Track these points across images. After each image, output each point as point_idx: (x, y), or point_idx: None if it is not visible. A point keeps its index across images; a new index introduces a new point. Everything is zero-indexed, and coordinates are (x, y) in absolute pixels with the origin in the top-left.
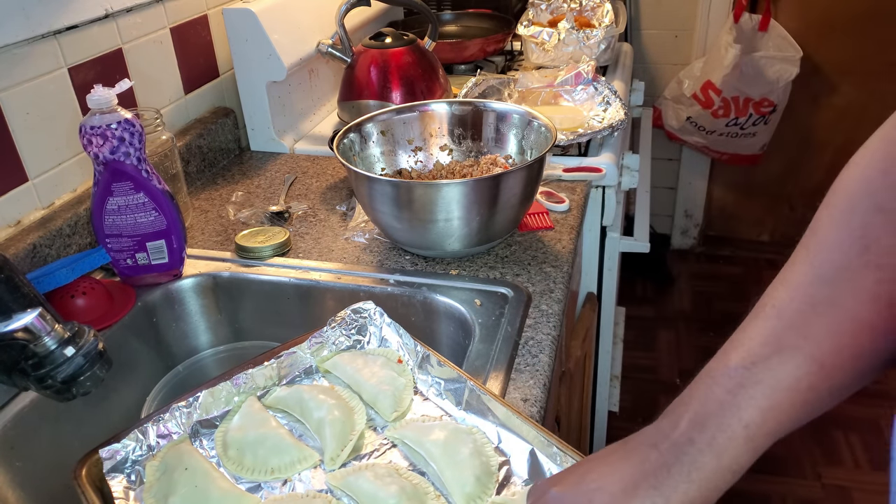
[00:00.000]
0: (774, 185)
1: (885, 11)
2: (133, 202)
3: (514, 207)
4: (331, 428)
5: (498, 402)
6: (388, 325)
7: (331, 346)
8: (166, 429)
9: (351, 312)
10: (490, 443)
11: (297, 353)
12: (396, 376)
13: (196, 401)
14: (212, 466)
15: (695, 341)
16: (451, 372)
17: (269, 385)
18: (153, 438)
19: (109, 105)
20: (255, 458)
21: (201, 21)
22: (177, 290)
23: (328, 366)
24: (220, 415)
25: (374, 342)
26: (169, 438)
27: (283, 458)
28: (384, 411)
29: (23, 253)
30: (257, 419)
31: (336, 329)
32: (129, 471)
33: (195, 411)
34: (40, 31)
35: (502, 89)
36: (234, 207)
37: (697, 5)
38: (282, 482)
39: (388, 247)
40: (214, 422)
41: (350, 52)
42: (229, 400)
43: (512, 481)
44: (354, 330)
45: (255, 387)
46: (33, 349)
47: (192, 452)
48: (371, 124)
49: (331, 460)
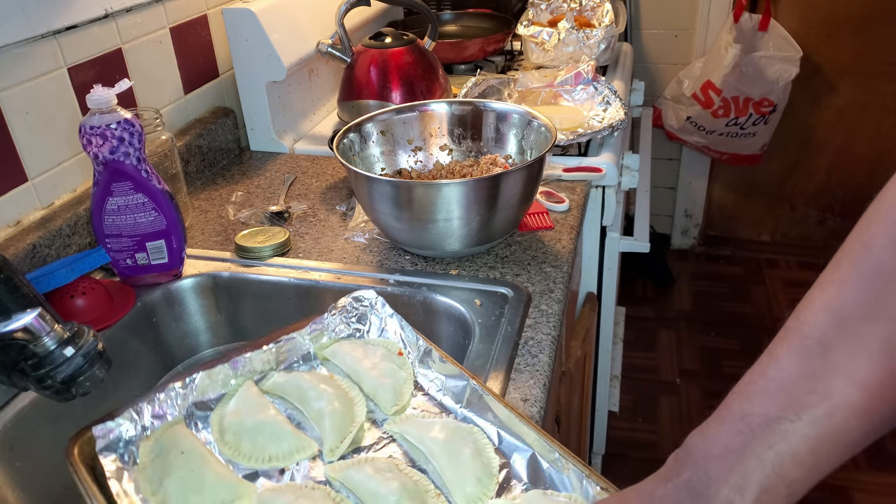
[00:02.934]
0: (774, 185)
1: (885, 12)
2: (133, 202)
3: (514, 207)
4: (330, 419)
5: (500, 402)
6: (391, 316)
7: (330, 333)
8: (161, 409)
9: (352, 300)
10: (491, 443)
11: (296, 339)
12: (397, 369)
13: (193, 382)
14: (208, 451)
15: (695, 341)
16: (453, 369)
17: (266, 369)
18: (147, 418)
19: (109, 105)
20: (254, 444)
21: (201, 21)
22: (176, 290)
23: (327, 353)
24: (216, 398)
25: (375, 332)
26: (164, 419)
27: (282, 447)
28: (384, 405)
29: (22, 253)
30: (255, 404)
31: (336, 316)
32: (122, 451)
33: (191, 393)
34: (40, 30)
35: (502, 89)
36: (234, 207)
37: (697, 5)
38: (279, 471)
39: (387, 247)
40: (210, 404)
41: (350, 52)
42: (226, 383)
43: (512, 484)
44: (355, 318)
45: (253, 370)
46: (33, 349)
47: (187, 435)
48: (371, 124)
49: (330, 452)
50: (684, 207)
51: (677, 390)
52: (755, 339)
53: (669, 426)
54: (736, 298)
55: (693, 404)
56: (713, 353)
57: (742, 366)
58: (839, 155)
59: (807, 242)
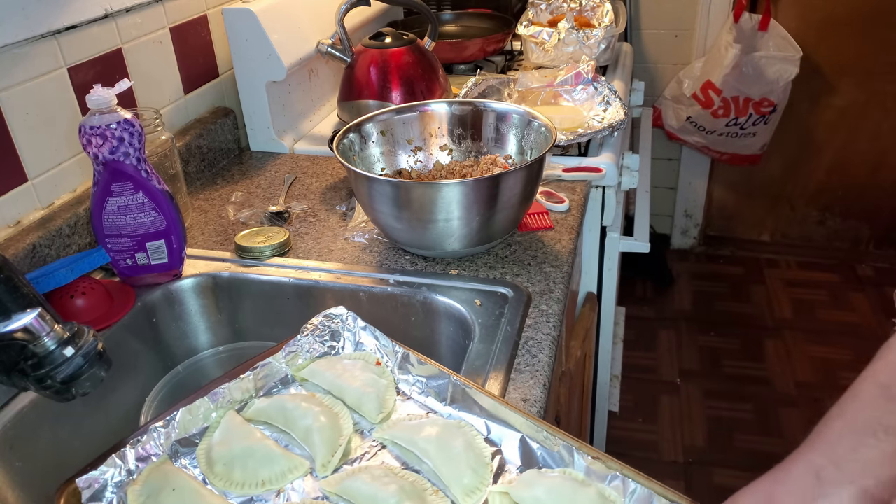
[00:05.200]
0: (774, 185)
1: (885, 12)
2: (133, 202)
3: (514, 207)
4: (319, 434)
5: (483, 393)
6: (363, 328)
7: (305, 353)
8: (145, 451)
9: (323, 318)
10: (480, 434)
11: (272, 364)
12: (378, 378)
13: (173, 419)
14: (200, 484)
15: (695, 341)
16: (433, 369)
17: (246, 398)
18: (132, 462)
19: (109, 105)
20: (245, 471)
21: (201, 21)
22: (176, 290)
23: (305, 374)
24: (198, 432)
25: (350, 347)
26: (148, 461)
27: (274, 469)
28: (369, 414)
29: (22, 253)
30: (241, 432)
31: (309, 336)
32: (110, 497)
33: (173, 430)
34: (40, 30)
35: (502, 89)
36: (234, 207)
37: (697, 5)
38: (275, 493)
39: (387, 247)
40: (194, 440)
41: (350, 52)
42: (207, 416)
43: (506, 469)
44: (328, 336)
45: (233, 400)
46: (33, 349)
47: (177, 473)
48: (371, 124)
49: (322, 467)
50: (684, 207)
51: (677, 390)
52: (755, 339)
53: (669, 426)
54: (736, 298)
55: (693, 404)
56: (713, 353)
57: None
58: (839, 155)
59: (807, 242)
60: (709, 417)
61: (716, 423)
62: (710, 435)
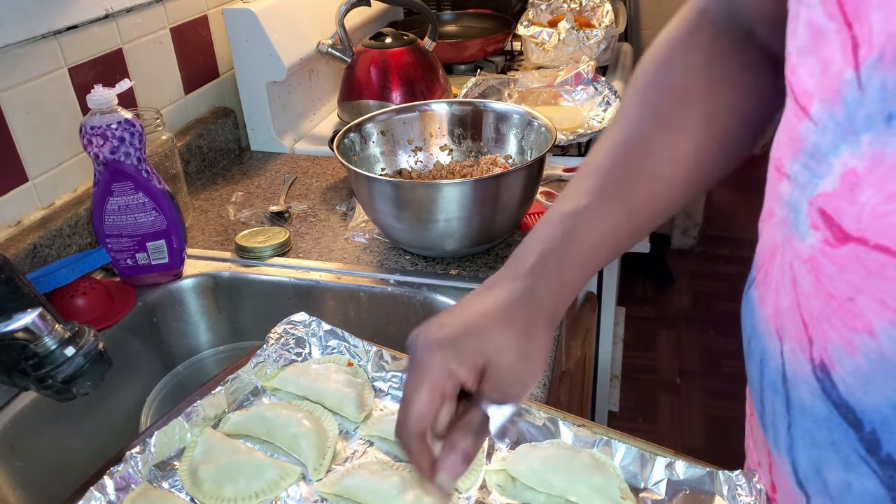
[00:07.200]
0: None
1: None
2: (133, 202)
3: (515, 207)
4: (306, 439)
5: None
6: (328, 331)
7: (272, 363)
8: (124, 479)
9: (286, 326)
10: None
11: (242, 376)
12: (353, 378)
13: (149, 444)
14: None
15: (695, 341)
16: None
17: (219, 413)
18: (112, 492)
19: (109, 105)
20: (236, 485)
21: (201, 21)
22: (177, 290)
23: (275, 383)
24: (176, 454)
25: (317, 351)
26: (128, 490)
27: (266, 479)
28: (352, 414)
29: (23, 253)
30: (224, 448)
31: (274, 346)
32: None
33: (150, 456)
34: (40, 31)
35: (502, 89)
36: (234, 207)
37: None
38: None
39: (388, 247)
40: (173, 462)
41: (350, 52)
42: (183, 437)
43: (497, 447)
44: (293, 343)
45: (207, 417)
46: (33, 349)
47: (164, 496)
48: (371, 124)
49: (314, 470)
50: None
51: (677, 390)
52: None
53: (669, 426)
54: (736, 298)
55: (693, 404)
56: (713, 352)
57: (742, 365)
58: None
59: None
60: (708, 417)
61: (716, 422)
62: (710, 434)
